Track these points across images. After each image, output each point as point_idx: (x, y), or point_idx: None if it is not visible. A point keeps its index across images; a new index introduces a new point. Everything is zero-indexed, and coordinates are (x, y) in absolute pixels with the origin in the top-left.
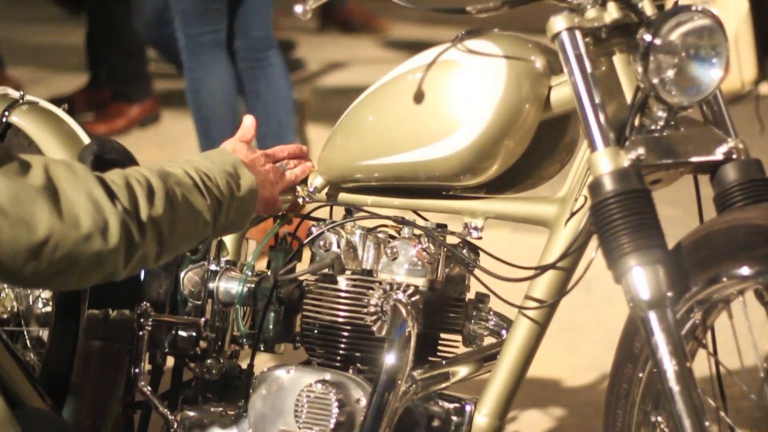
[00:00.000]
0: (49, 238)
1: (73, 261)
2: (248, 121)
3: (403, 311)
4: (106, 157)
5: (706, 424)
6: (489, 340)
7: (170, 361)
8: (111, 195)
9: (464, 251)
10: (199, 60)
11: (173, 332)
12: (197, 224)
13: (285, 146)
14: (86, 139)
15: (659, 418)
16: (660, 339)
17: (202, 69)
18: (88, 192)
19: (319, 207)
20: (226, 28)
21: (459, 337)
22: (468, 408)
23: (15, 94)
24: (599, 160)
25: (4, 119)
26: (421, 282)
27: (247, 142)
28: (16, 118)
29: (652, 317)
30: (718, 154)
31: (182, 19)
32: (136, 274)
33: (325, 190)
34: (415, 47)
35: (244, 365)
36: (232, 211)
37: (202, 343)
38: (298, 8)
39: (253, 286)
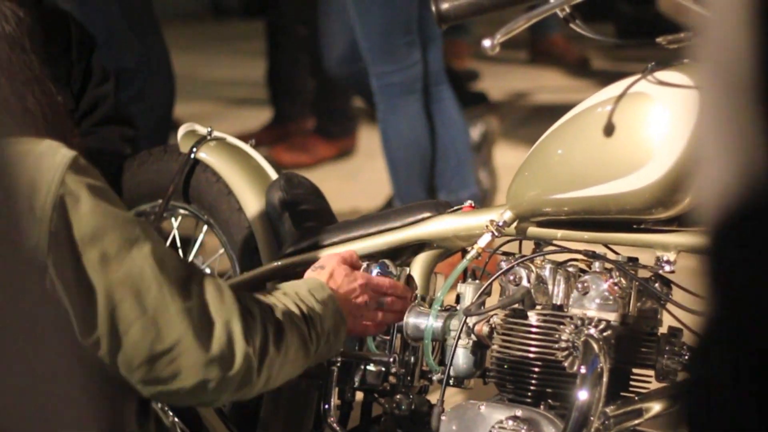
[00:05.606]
0: (172, 349)
1: (181, 380)
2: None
3: (595, 346)
4: (292, 192)
5: None
6: (683, 375)
7: (359, 396)
8: (246, 332)
9: (656, 285)
10: (388, 102)
11: (362, 367)
12: (295, 371)
13: (388, 281)
14: (273, 175)
15: None
16: None
17: (391, 112)
18: (227, 321)
19: (508, 241)
20: (420, 64)
21: (652, 372)
22: None
23: (203, 130)
24: None
25: (192, 155)
26: (612, 317)
27: (351, 265)
28: (204, 154)
29: None
30: None
31: (369, 58)
32: None
33: (514, 224)
34: (599, 76)
35: (433, 400)
36: (318, 357)
37: (392, 378)
38: (486, 42)
39: (442, 321)
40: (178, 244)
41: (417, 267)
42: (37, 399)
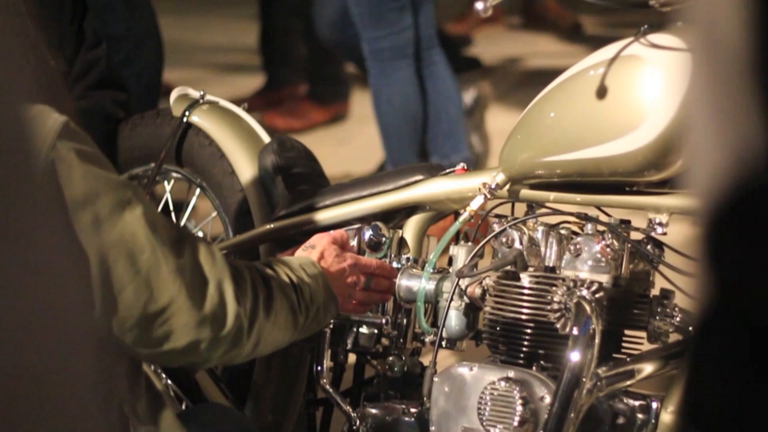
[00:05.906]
0: (165, 310)
1: (174, 340)
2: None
3: (587, 308)
4: (285, 155)
5: None
6: (675, 337)
7: (352, 358)
8: (238, 292)
9: (648, 247)
10: (379, 67)
11: (355, 330)
12: (283, 338)
13: (376, 261)
14: (266, 138)
15: None
16: None
17: (382, 76)
18: (219, 282)
19: (501, 204)
20: (412, 29)
21: (644, 334)
22: (654, 405)
23: (195, 94)
24: None
25: (184, 119)
26: (605, 278)
27: (342, 247)
28: (197, 118)
29: None
30: None
31: (360, 23)
32: None
33: (507, 186)
34: (592, 41)
35: (425, 362)
36: (307, 331)
37: (384, 341)
38: (479, 5)
39: (434, 283)
40: (171, 207)
41: (409, 229)
42: (28, 365)
